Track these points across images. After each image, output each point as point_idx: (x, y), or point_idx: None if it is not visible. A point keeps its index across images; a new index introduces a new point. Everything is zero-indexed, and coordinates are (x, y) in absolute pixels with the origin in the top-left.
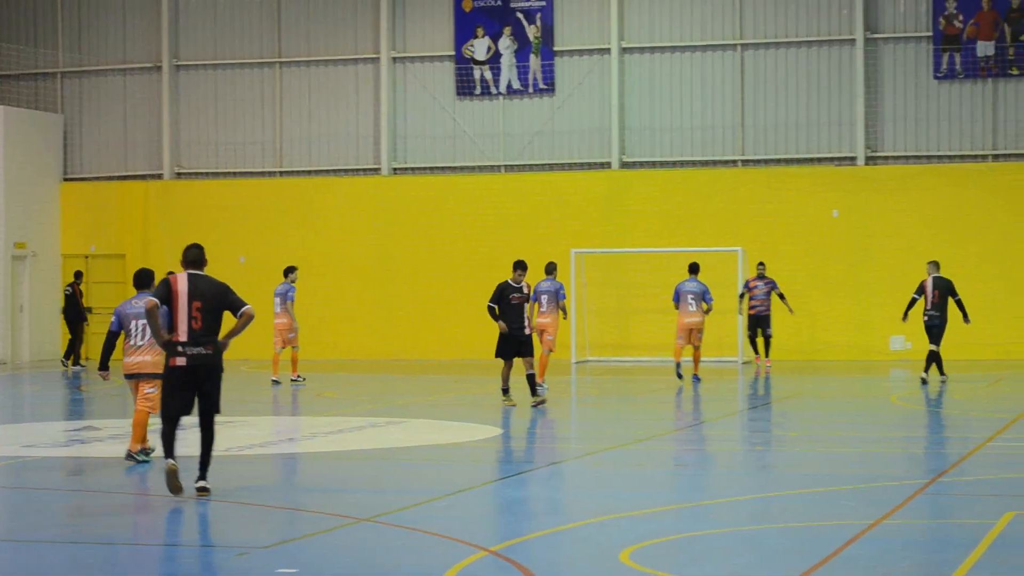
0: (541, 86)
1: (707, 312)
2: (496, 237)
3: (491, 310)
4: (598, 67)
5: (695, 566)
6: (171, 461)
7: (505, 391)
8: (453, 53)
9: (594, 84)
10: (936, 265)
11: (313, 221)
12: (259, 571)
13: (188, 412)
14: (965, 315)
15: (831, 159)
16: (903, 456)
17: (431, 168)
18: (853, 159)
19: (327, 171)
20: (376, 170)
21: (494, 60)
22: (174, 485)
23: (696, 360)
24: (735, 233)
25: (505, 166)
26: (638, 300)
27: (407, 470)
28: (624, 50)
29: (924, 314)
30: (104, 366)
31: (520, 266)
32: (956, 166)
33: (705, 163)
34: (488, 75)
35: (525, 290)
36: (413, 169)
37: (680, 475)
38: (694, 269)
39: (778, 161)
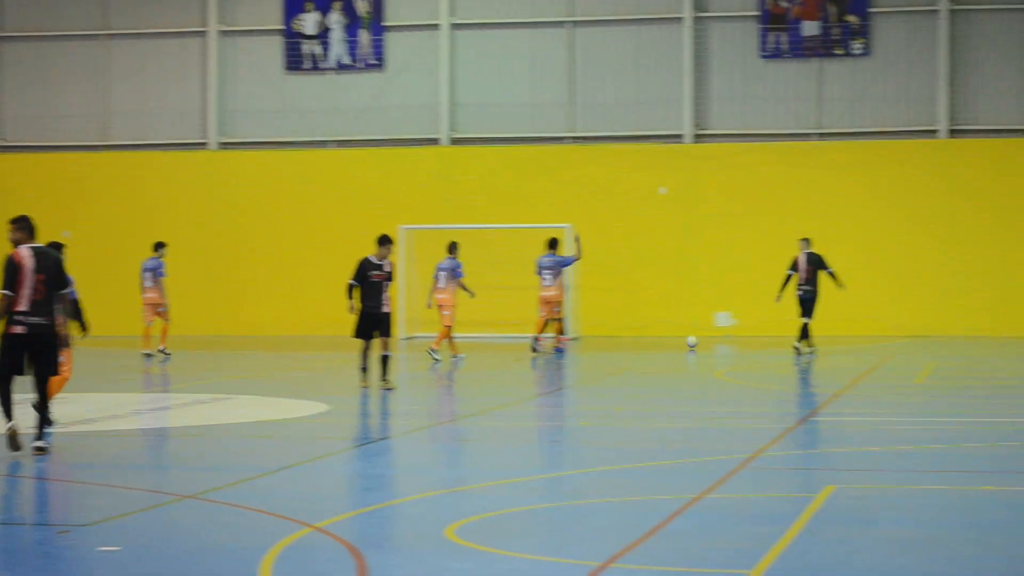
0: (371, 61)
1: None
2: (326, 213)
3: (349, 288)
4: (428, 42)
5: (519, 541)
6: (11, 424)
7: (363, 370)
8: (282, 27)
9: (424, 59)
10: (808, 242)
11: (140, 195)
12: (80, 549)
13: (20, 372)
14: (839, 283)
15: (659, 136)
16: (726, 431)
17: (260, 143)
18: (680, 136)
19: (155, 145)
20: (203, 145)
21: (324, 35)
22: (14, 444)
23: (558, 333)
24: (564, 209)
25: (335, 141)
26: (468, 276)
27: (233, 447)
28: (455, 26)
29: (798, 288)
30: None
31: (384, 241)
32: (782, 144)
33: (535, 139)
34: (318, 50)
35: (387, 268)
36: (241, 144)
37: (507, 450)
38: (552, 244)
39: (607, 138)
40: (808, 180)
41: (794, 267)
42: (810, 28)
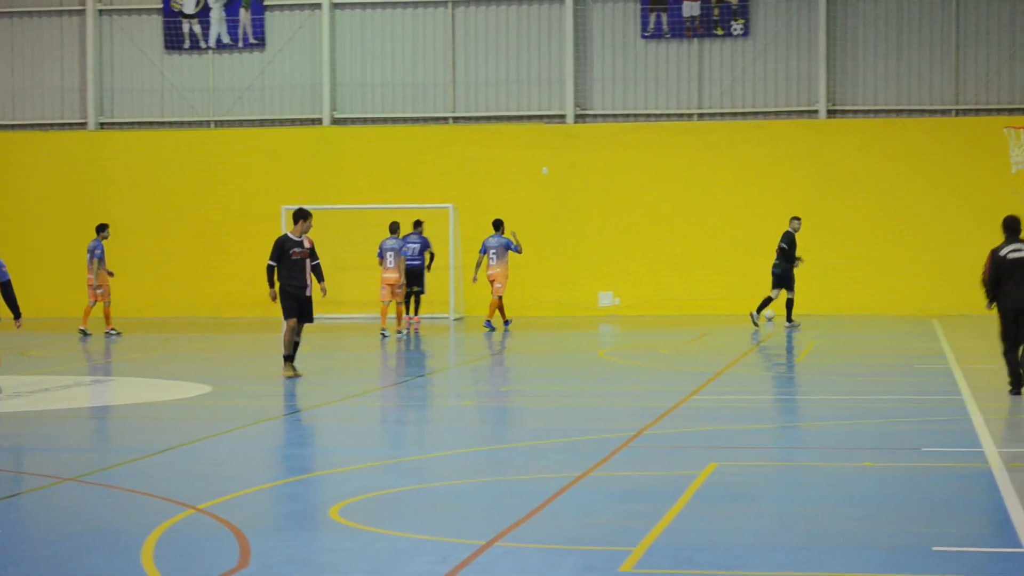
0: (251, 41)
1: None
2: (206, 193)
3: (269, 270)
4: (309, 22)
5: (403, 520)
6: None
7: (287, 358)
8: (161, 6)
9: (305, 39)
10: (796, 220)
11: (17, 177)
12: None
13: None
14: (797, 261)
15: (541, 116)
16: (610, 410)
17: (139, 123)
18: (563, 117)
19: (31, 125)
20: (83, 125)
21: (203, 14)
22: None
23: (492, 308)
24: (446, 190)
25: (215, 121)
26: (349, 257)
27: (113, 429)
28: (335, 5)
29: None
30: None
31: (302, 215)
32: (663, 124)
33: (416, 120)
34: (197, 29)
35: (308, 244)
36: (120, 124)
37: (391, 431)
38: (497, 225)
39: (489, 118)
40: (689, 160)
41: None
42: (690, 9)
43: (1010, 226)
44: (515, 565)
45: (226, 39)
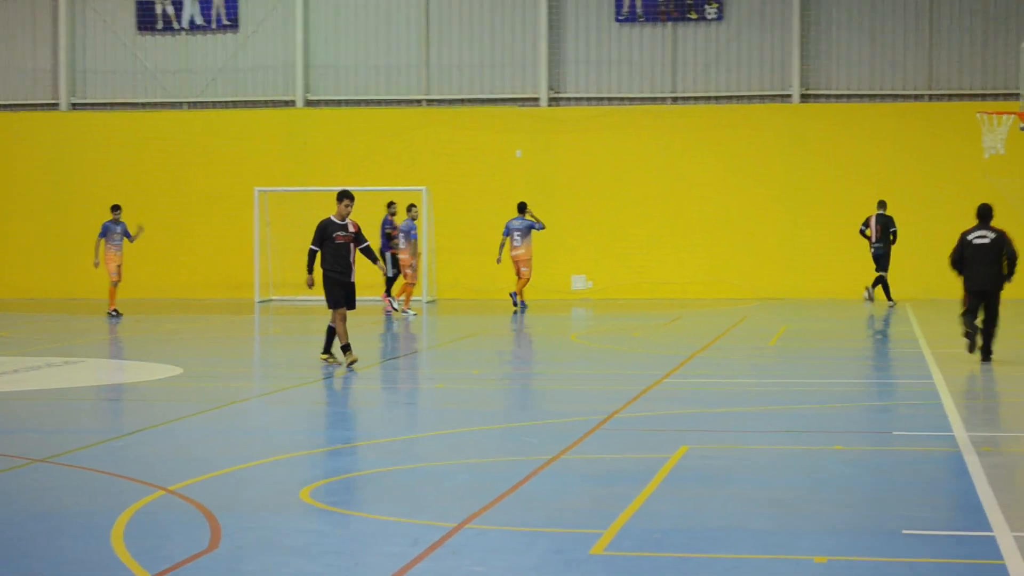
0: (225, 22)
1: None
2: (179, 175)
3: (311, 255)
4: (282, 3)
5: (374, 502)
6: None
7: (346, 347)
8: None
9: (278, 21)
10: (882, 204)
11: None
12: None
13: None
14: (891, 241)
15: (515, 99)
16: (582, 393)
17: (112, 104)
18: (536, 100)
19: (5, 105)
20: (55, 105)
21: None
22: None
23: (520, 287)
24: (420, 172)
25: (188, 103)
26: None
27: (83, 410)
28: None
29: (871, 246)
30: None
31: (345, 196)
32: (637, 107)
33: (390, 102)
34: (170, 10)
35: (352, 227)
36: (93, 105)
37: (362, 413)
38: (521, 208)
39: (462, 101)
40: (662, 144)
41: (865, 224)
42: None
43: (981, 213)
44: (486, 547)
45: (199, 20)
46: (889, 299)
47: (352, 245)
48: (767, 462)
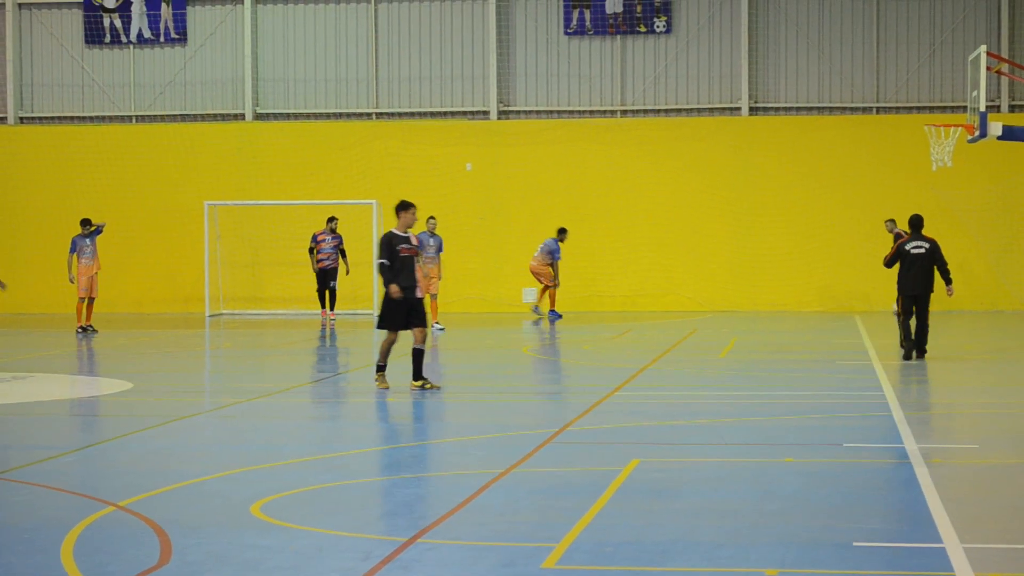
0: (173, 35)
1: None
2: (128, 189)
3: (384, 269)
4: (231, 17)
5: (325, 517)
6: None
7: (381, 368)
8: (82, 0)
9: (227, 34)
10: (893, 223)
11: None
12: None
13: None
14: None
15: (464, 113)
16: (532, 406)
17: (59, 118)
18: (486, 113)
19: None
20: (2, 119)
21: (124, 8)
22: None
23: (541, 297)
24: (369, 186)
25: (136, 116)
26: (271, 252)
27: (33, 425)
28: (257, 0)
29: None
30: None
31: (404, 207)
32: (586, 120)
33: (339, 115)
34: (118, 23)
35: (414, 241)
36: (41, 119)
37: (313, 427)
38: (561, 232)
39: (412, 114)
40: (612, 157)
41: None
42: (613, 5)
43: (914, 223)
44: (437, 562)
45: (147, 34)
46: None
47: (415, 258)
48: (718, 474)
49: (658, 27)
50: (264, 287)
